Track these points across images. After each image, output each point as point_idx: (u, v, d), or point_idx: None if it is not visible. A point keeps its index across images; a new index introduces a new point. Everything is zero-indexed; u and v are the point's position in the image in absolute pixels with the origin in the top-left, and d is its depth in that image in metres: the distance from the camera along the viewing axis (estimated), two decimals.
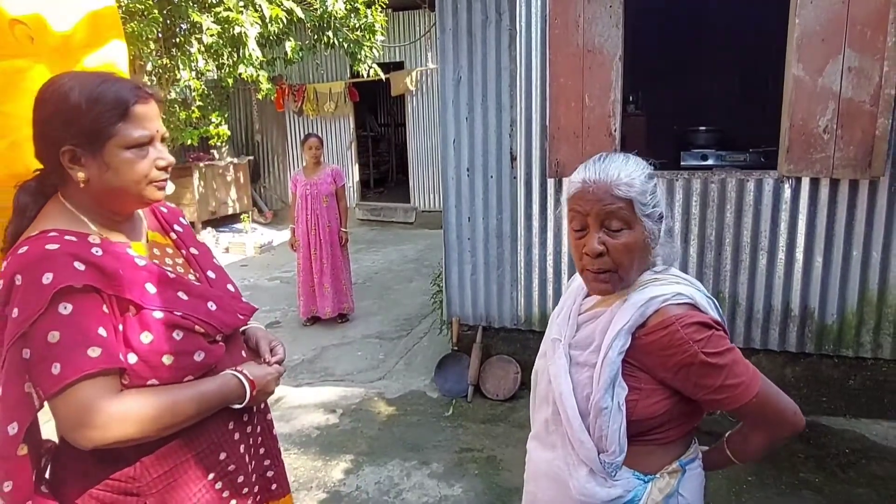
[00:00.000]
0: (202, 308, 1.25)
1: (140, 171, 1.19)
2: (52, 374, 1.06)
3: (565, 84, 3.41)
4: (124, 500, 1.20)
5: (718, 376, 1.17)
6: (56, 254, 1.10)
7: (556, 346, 1.32)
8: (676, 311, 1.19)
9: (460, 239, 3.98)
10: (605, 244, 1.20)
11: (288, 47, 7.72)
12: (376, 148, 12.43)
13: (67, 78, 1.18)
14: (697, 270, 3.60)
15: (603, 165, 1.23)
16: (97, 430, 1.08)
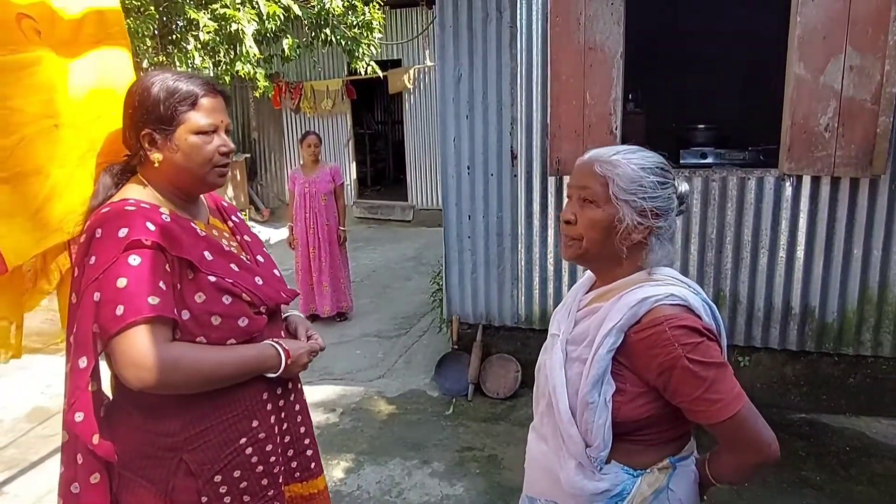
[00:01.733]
0: (250, 280, 1.41)
1: (205, 155, 1.36)
2: (116, 314, 1.21)
3: (566, 82, 3.40)
4: (163, 454, 1.32)
5: (698, 387, 1.15)
6: (132, 213, 1.28)
7: (555, 341, 1.35)
8: (668, 312, 1.18)
9: (460, 237, 3.97)
10: (575, 214, 1.27)
11: (285, 45, 7.69)
12: (374, 146, 12.40)
13: (153, 74, 1.38)
14: (698, 269, 3.60)
15: (605, 149, 1.29)
16: (147, 371, 1.22)
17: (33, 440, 3.61)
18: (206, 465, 1.34)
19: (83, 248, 1.27)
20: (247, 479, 1.40)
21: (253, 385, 1.40)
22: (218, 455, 1.36)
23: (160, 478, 1.33)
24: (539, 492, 1.40)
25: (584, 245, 1.27)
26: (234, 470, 1.38)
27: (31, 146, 1.52)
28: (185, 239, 1.32)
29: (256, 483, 1.42)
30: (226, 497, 1.38)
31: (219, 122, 1.38)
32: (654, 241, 1.26)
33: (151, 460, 1.33)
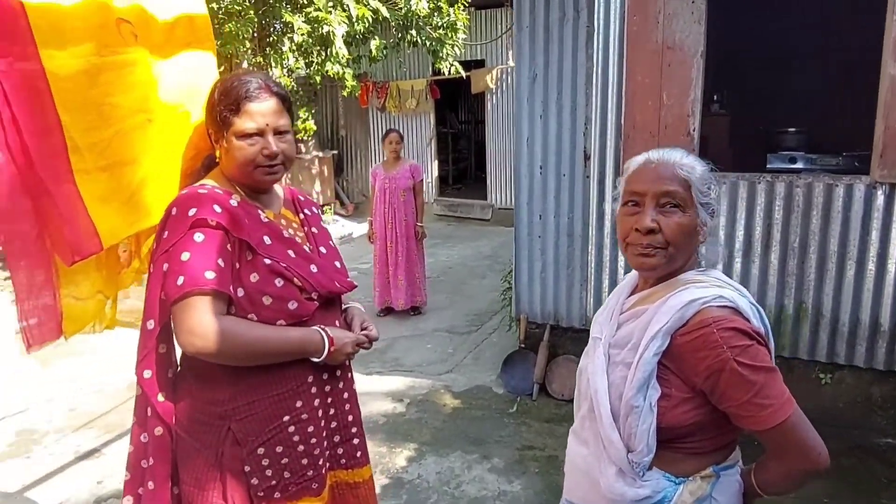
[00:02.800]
0: (305, 267, 1.49)
1: (247, 157, 1.44)
2: (177, 284, 1.34)
3: (642, 82, 3.35)
4: (214, 421, 1.44)
5: (747, 391, 1.12)
6: (203, 196, 1.41)
7: (597, 344, 1.33)
8: (716, 314, 1.16)
9: (531, 237, 3.99)
10: (658, 222, 1.20)
11: (373, 46, 7.94)
12: (456, 145, 12.54)
13: (225, 77, 1.52)
14: (779, 279, 3.45)
15: (666, 150, 1.27)
16: (199, 338, 1.34)
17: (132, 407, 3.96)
18: (251, 436, 1.44)
19: (161, 225, 1.42)
20: (288, 456, 1.48)
21: (299, 367, 1.48)
22: (262, 428, 1.45)
23: (211, 443, 1.44)
24: (579, 497, 1.39)
25: (670, 253, 1.22)
26: (276, 445, 1.46)
27: (127, 138, 1.70)
28: (248, 223, 1.43)
29: (297, 461, 1.49)
30: (267, 470, 1.46)
31: (264, 125, 1.44)
32: (708, 241, 1.27)
33: (204, 426, 1.45)
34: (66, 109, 1.52)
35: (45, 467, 3.32)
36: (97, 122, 1.60)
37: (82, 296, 1.64)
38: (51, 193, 1.45)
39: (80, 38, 1.52)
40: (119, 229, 1.71)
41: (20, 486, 3.17)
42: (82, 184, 1.57)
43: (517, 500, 2.95)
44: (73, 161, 1.55)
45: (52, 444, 3.57)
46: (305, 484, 1.51)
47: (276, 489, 1.47)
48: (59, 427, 3.76)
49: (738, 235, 3.50)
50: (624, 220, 1.27)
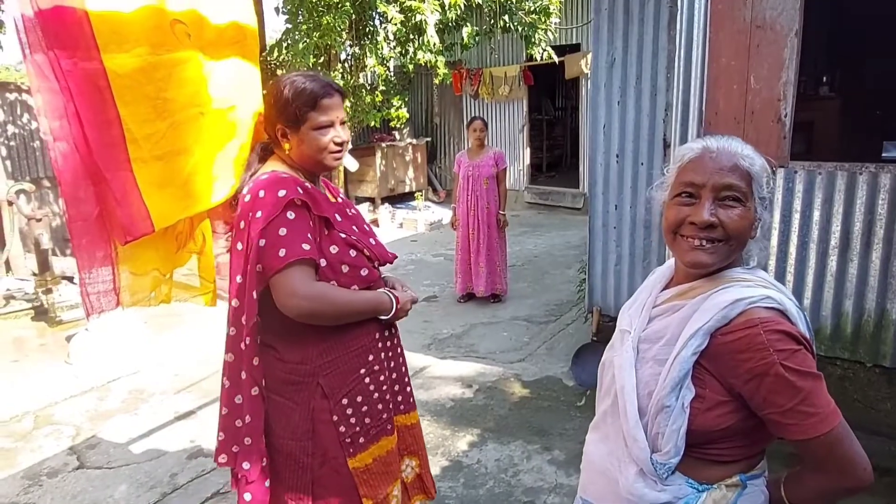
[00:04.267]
0: (366, 239, 1.74)
1: (322, 145, 1.67)
2: (279, 256, 1.52)
3: (727, 64, 3.13)
4: (304, 379, 1.65)
5: (792, 398, 1.05)
6: (287, 179, 1.60)
7: (625, 337, 1.27)
8: (763, 315, 1.09)
9: (606, 227, 3.87)
10: (717, 216, 1.13)
11: (465, 33, 7.95)
12: (551, 132, 12.31)
13: (286, 78, 1.69)
14: (881, 280, 3.12)
15: (725, 139, 1.19)
16: (304, 300, 1.54)
17: None
18: (336, 388, 1.66)
19: (248, 206, 1.57)
20: (367, 404, 1.72)
21: (369, 325, 1.72)
22: (344, 381, 1.67)
23: (303, 400, 1.65)
24: (594, 495, 1.33)
25: (730, 247, 1.15)
26: (356, 395, 1.69)
27: (181, 130, 1.82)
28: (323, 202, 1.65)
29: (374, 407, 1.73)
30: (351, 418, 1.69)
31: (335, 117, 1.68)
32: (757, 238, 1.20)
33: (295, 385, 1.65)
34: (124, 104, 1.66)
35: (148, 424, 3.68)
36: (152, 115, 1.73)
37: (139, 271, 1.79)
38: (107, 180, 1.59)
39: (138, 40, 1.65)
40: (172, 212, 1.84)
41: (127, 439, 3.53)
42: (139, 171, 1.70)
43: (573, 493, 2.87)
44: (131, 150, 1.68)
45: (157, 404, 3.95)
46: (382, 426, 1.76)
47: (360, 434, 1.70)
48: (164, 389, 4.15)
49: (835, 231, 3.20)
50: (675, 211, 1.19)
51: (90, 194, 1.61)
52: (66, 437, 3.57)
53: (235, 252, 1.61)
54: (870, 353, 3.21)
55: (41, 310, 5.58)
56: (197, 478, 3.12)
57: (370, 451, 1.73)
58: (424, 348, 4.74)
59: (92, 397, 4.07)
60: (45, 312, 5.53)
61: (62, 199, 1.58)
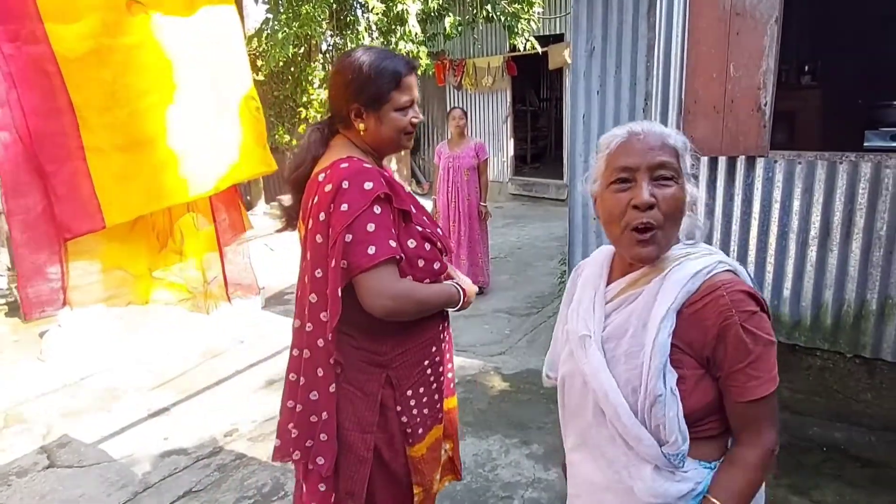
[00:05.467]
0: (437, 231, 1.68)
1: (402, 126, 1.60)
2: (368, 253, 1.46)
3: (706, 52, 3.09)
4: (375, 369, 1.62)
5: (742, 360, 1.08)
6: (371, 170, 1.51)
7: (586, 343, 1.20)
8: (724, 278, 1.11)
9: (586, 219, 3.83)
10: (655, 195, 1.11)
11: (447, 22, 7.86)
12: (535, 123, 12.26)
13: (361, 52, 1.59)
14: (861, 270, 3.11)
15: (647, 123, 1.19)
16: (391, 300, 1.49)
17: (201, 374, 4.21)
18: (403, 380, 1.65)
19: (330, 197, 1.48)
20: (427, 395, 1.71)
21: (436, 317, 1.69)
22: (411, 372, 1.66)
23: (372, 390, 1.62)
24: None
25: (665, 233, 1.13)
26: (420, 386, 1.69)
27: (144, 118, 1.74)
28: (402, 193, 1.57)
29: (431, 398, 1.73)
30: (413, 409, 1.68)
31: (414, 97, 1.62)
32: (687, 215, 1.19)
33: (366, 375, 1.61)
34: (77, 90, 1.58)
35: (121, 422, 3.60)
36: (110, 102, 1.65)
37: (96, 270, 1.71)
38: (48, 173, 1.51)
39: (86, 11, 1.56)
40: (136, 206, 1.77)
41: (99, 437, 3.44)
42: (95, 162, 1.63)
43: (551, 488, 2.87)
44: (86, 139, 1.61)
45: (130, 401, 3.86)
46: (436, 415, 1.75)
47: (420, 424, 1.70)
48: (138, 386, 4.07)
49: (815, 221, 3.18)
50: (612, 200, 1.15)
51: (35, 188, 1.53)
52: (36, 436, 3.48)
53: (313, 244, 1.52)
54: (850, 343, 3.20)
55: (15, 305, 5.45)
56: (169, 476, 3.06)
57: (426, 441, 1.73)
58: None
59: (64, 395, 3.97)
60: (18, 308, 5.41)
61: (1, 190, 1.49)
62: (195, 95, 1.84)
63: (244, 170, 1.99)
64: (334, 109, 1.64)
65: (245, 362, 4.38)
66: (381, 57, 1.57)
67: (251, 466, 3.11)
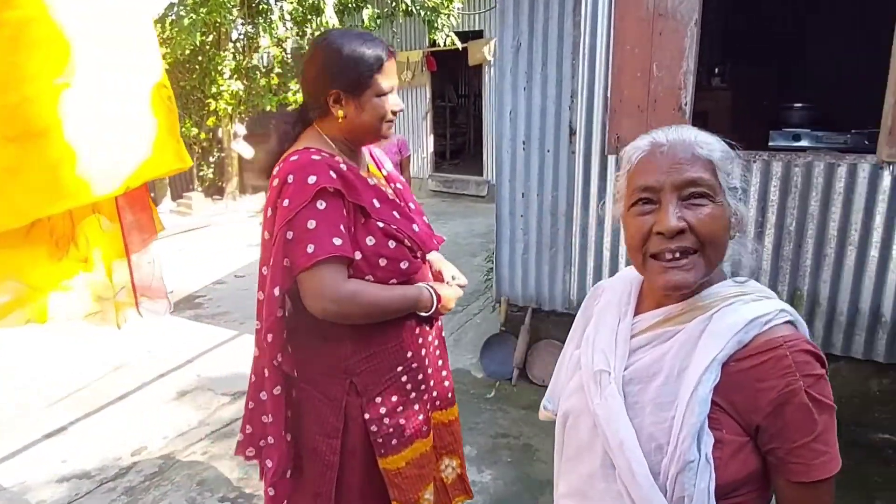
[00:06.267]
0: (409, 227, 1.55)
1: (382, 113, 1.51)
2: (307, 252, 1.38)
3: (631, 52, 3.12)
4: (338, 374, 1.54)
5: (808, 432, 0.89)
6: (318, 163, 1.43)
7: (604, 379, 1.01)
8: (784, 333, 0.92)
9: (513, 215, 3.80)
10: (685, 219, 0.93)
11: (365, 15, 7.68)
12: (455, 119, 12.26)
13: (338, 35, 1.51)
14: (773, 264, 3.25)
15: (675, 129, 1.01)
16: (331, 303, 1.41)
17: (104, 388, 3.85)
18: (370, 386, 1.56)
19: (276, 192, 1.42)
20: (402, 404, 1.60)
21: (408, 321, 1.58)
22: (380, 379, 1.57)
23: (336, 396, 1.55)
24: None
25: (708, 256, 0.95)
26: (392, 394, 1.59)
27: (35, 106, 1.51)
28: (359, 186, 1.47)
29: (410, 408, 1.62)
30: (385, 418, 1.58)
31: (395, 83, 1.55)
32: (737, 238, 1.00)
33: (330, 379, 1.55)
34: None
35: (11, 445, 3.23)
36: None
37: None
38: None
39: None
40: (31, 208, 1.54)
41: None
42: None
43: (485, 490, 2.81)
44: None
45: (22, 420, 3.47)
46: (417, 428, 1.64)
47: (393, 436, 1.59)
48: (31, 403, 3.67)
49: None
50: (635, 224, 0.98)
51: None
52: None
53: (262, 241, 1.48)
54: None
55: None
56: (69, 503, 2.76)
57: (403, 454, 1.62)
58: None
59: None
60: None
61: None
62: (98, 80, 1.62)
63: (157, 166, 1.78)
64: (309, 96, 1.55)
65: (153, 373, 4.06)
66: (361, 40, 1.49)
67: (163, 487, 2.86)
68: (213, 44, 8.31)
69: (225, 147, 9.04)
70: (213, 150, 9.41)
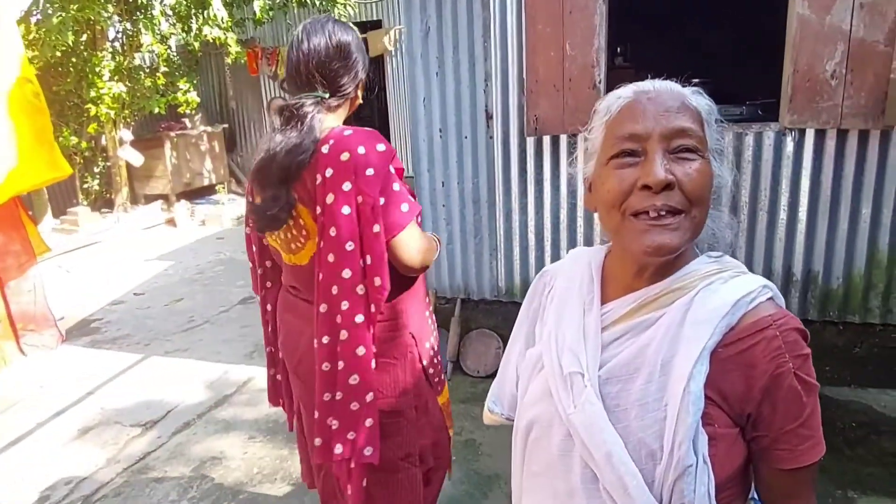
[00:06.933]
0: None
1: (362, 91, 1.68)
2: (402, 212, 1.51)
3: (543, 31, 3.06)
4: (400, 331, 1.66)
5: (797, 416, 0.83)
6: (376, 132, 1.53)
7: (577, 383, 0.89)
8: (771, 311, 0.84)
9: (434, 206, 3.67)
10: (674, 173, 0.82)
11: (256, 6, 7.28)
12: (359, 113, 11.95)
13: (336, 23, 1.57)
14: None
15: (661, 81, 0.91)
16: (427, 253, 1.57)
17: None
18: (420, 333, 1.71)
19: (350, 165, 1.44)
20: (436, 343, 1.80)
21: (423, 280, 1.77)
22: (423, 325, 1.73)
23: (402, 353, 1.67)
24: None
25: (693, 218, 0.84)
26: (430, 335, 1.77)
27: None
28: None
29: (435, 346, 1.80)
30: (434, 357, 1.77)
31: None
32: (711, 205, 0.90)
33: (394, 341, 1.65)
34: None
35: None
36: None
37: None
38: None
39: None
40: None
41: None
42: None
43: None
44: None
45: None
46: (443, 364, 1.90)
47: (437, 374, 1.79)
48: None
49: None
50: (615, 179, 0.86)
51: None
52: None
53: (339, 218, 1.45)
54: None
55: None
56: None
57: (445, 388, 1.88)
58: (246, 358, 4.21)
59: None
60: None
61: None
62: None
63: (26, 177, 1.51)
64: (339, 84, 1.57)
65: (48, 411, 3.62)
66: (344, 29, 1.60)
67: None
68: (87, 44, 7.60)
69: (111, 155, 8.32)
70: (98, 160, 8.64)
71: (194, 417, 3.46)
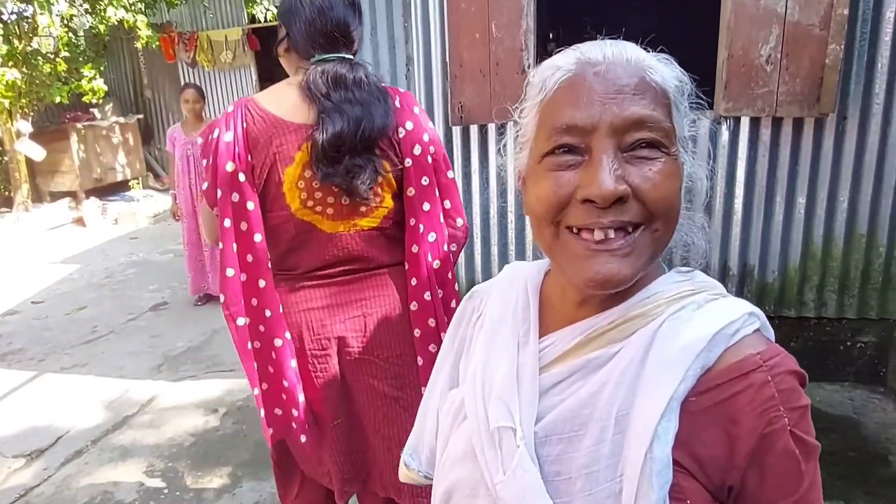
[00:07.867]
0: None
1: None
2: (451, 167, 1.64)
3: (467, 10, 2.82)
4: None
5: (793, 490, 0.61)
6: None
7: (507, 441, 0.67)
8: (760, 348, 0.62)
9: None
10: (627, 180, 0.61)
11: None
12: None
13: None
14: None
15: (610, 43, 0.66)
16: None
17: None
18: None
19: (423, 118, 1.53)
20: None
21: None
22: None
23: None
24: None
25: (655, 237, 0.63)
26: None
27: None
28: None
29: None
30: None
31: None
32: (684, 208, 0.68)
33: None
34: None
35: None
36: None
37: None
38: None
39: None
40: None
41: None
42: None
43: None
44: None
45: None
46: None
47: None
48: None
49: None
50: (548, 184, 0.64)
51: None
52: None
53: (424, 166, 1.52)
54: None
55: None
56: None
57: None
58: (153, 371, 3.82)
59: None
60: None
61: None
62: None
63: None
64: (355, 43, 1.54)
65: None
66: None
67: None
68: None
69: (7, 149, 7.60)
70: None
71: (87, 444, 3.07)
